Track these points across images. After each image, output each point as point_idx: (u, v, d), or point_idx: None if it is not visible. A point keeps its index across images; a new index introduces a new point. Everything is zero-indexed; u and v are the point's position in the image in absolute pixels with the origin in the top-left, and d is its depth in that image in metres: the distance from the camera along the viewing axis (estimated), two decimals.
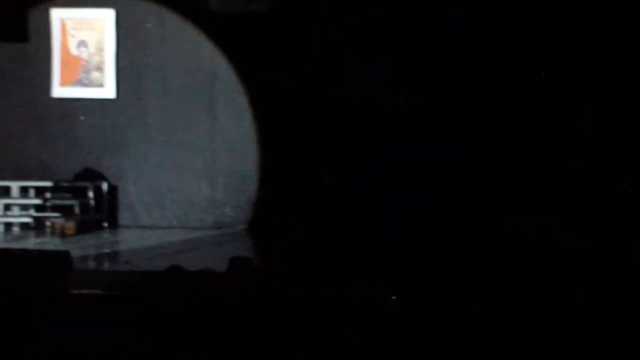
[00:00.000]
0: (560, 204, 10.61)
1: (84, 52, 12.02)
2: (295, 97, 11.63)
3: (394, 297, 6.58)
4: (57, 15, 11.98)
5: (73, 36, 12.00)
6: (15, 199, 11.72)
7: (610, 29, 10.73)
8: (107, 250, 10.30)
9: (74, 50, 12.01)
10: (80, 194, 11.76)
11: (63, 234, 10.90)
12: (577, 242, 9.68)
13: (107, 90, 12.03)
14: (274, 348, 5.45)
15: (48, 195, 11.77)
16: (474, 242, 10.23)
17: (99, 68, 12.03)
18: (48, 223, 11.37)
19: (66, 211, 11.53)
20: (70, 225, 11.02)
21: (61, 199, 11.75)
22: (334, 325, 5.92)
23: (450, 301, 6.76)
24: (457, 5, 11.27)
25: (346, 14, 11.48)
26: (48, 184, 11.75)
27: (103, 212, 11.80)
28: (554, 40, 10.97)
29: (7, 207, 11.74)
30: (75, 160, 12.00)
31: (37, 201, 11.71)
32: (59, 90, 12.02)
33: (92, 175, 11.87)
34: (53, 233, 11.05)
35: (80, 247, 9.84)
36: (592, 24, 10.78)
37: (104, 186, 11.81)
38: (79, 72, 12.02)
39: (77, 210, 11.59)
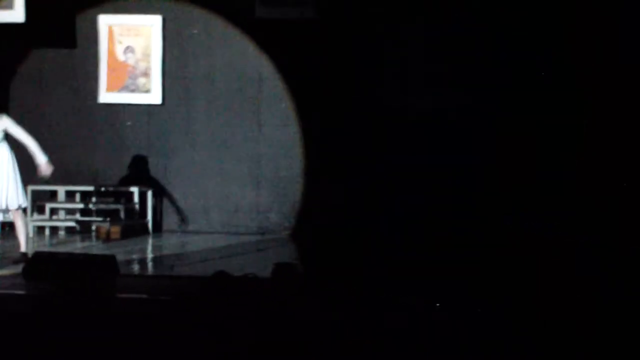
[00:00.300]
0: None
1: (131, 58, 12.10)
2: (340, 103, 11.63)
3: (437, 304, 6.55)
4: (105, 21, 12.07)
5: (120, 42, 12.08)
6: (62, 203, 11.83)
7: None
8: (152, 255, 10.35)
9: (121, 56, 12.10)
10: (126, 198, 11.84)
11: (108, 239, 10.95)
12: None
13: (154, 96, 12.09)
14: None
15: (94, 199, 11.86)
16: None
17: (146, 74, 12.10)
18: (93, 227, 11.46)
19: (111, 215, 11.60)
20: (116, 230, 11.07)
21: (106, 203, 11.84)
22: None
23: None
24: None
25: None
26: (94, 188, 11.84)
27: (148, 217, 11.86)
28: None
29: (54, 211, 11.85)
30: (122, 165, 12.08)
31: (83, 205, 11.81)
32: (106, 95, 12.10)
33: (138, 180, 11.94)
34: (98, 237, 11.11)
35: (125, 252, 9.89)
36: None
37: (150, 191, 11.88)
38: (126, 78, 12.10)
39: (122, 214, 11.66)
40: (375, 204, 11.31)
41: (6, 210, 8.80)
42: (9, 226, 9.97)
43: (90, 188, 11.84)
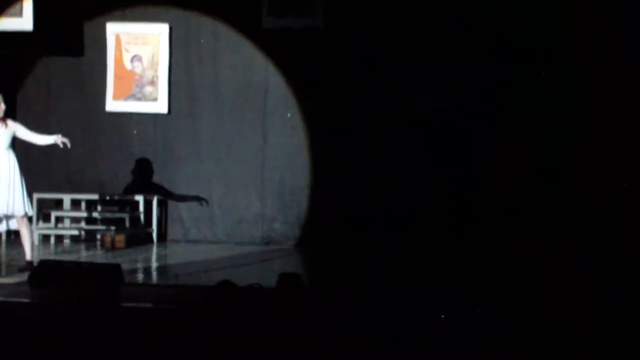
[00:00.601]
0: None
1: (138, 67, 12.18)
2: (345, 112, 11.68)
3: (443, 316, 6.60)
4: (112, 30, 12.16)
5: (127, 51, 12.17)
6: (67, 212, 11.89)
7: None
8: (156, 264, 10.40)
9: (128, 64, 12.18)
10: (131, 207, 11.90)
11: (113, 247, 11.01)
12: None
13: (160, 104, 12.17)
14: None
15: (99, 208, 11.92)
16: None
17: (153, 82, 12.18)
18: (98, 236, 11.51)
19: (116, 224, 11.66)
20: (121, 239, 11.13)
21: (112, 212, 11.89)
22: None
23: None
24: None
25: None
26: (99, 197, 11.90)
27: (152, 226, 11.91)
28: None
29: (59, 220, 11.91)
30: (127, 174, 12.15)
31: (88, 214, 11.86)
32: (113, 104, 12.19)
33: (143, 189, 12.00)
34: (103, 246, 11.17)
35: (130, 261, 9.94)
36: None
37: (155, 200, 11.93)
38: (133, 87, 12.18)
39: (127, 223, 11.71)
40: (377, 208, 11.34)
41: (11, 217, 8.86)
42: (14, 234, 10.04)
43: (96, 196, 11.90)
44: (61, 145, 9.08)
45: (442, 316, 6.49)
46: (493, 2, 11.16)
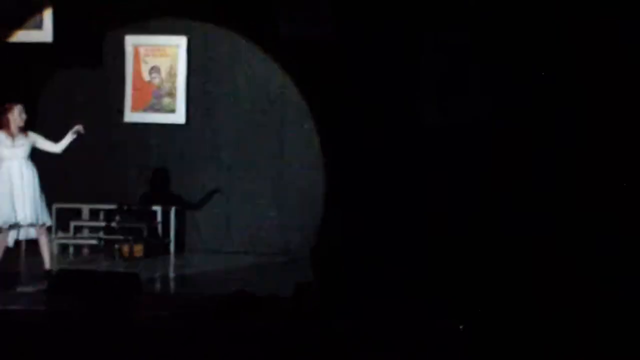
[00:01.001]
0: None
1: (156, 78, 12.25)
2: (362, 122, 11.67)
3: (461, 327, 6.58)
4: (131, 41, 12.24)
5: (146, 62, 12.23)
6: (85, 222, 11.94)
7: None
8: (174, 274, 10.42)
9: (146, 76, 12.25)
10: (149, 217, 11.93)
11: (131, 257, 11.05)
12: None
13: (178, 115, 12.23)
14: None
15: (117, 218, 11.96)
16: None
17: (171, 94, 12.24)
18: (116, 245, 11.55)
19: (135, 234, 11.70)
20: (139, 248, 11.18)
21: (130, 222, 11.92)
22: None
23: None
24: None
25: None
26: (117, 207, 11.94)
27: (170, 236, 11.94)
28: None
29: (77, 229, 11.96)
30: (145, 184, 12.19)
31: (107, 224, 11.90)
32: (131, 115, 12.26)
33: (161, 199, 12.03)
34: (121, 256, 11.22)
35: (148, 270, 9.97)
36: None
37: (172, 210, 11.96)
38: (151, 98, 12.25)
39: (145, 233, 11.75)
40: (396, 218, 11.31)
41: (31, 225, 8.92)
42: (34, 243, 10.09)
43: (114, 207, 11.93)
44: (76, 135, 9.21)
45: (461, 327, 6.48)
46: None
